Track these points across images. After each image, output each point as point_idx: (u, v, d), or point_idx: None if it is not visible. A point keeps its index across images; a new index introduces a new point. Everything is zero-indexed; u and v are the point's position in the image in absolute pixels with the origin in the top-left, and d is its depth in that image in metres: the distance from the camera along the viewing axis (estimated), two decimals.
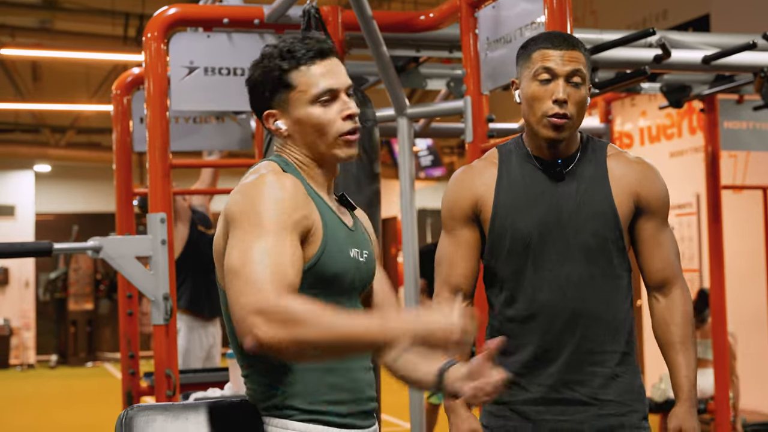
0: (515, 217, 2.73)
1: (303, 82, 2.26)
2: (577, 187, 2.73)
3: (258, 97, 2.31)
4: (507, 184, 2.77)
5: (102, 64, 13.98)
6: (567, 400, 2.70)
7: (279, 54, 2.27)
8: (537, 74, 2.68)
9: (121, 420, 2.15)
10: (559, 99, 2.65)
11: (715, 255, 5.85)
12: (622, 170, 2.76)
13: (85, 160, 16.41)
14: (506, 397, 2.72)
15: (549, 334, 2.70)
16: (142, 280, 4.04)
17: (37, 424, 10.53)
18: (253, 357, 2.20)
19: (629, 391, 2.74)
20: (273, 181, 2.17)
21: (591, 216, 2.70)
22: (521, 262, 2.72)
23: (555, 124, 2.66)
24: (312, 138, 2.28)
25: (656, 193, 2.77)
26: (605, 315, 2.71)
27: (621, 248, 2.73)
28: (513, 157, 2.80)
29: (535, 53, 2.70)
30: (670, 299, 2.79)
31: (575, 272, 2.69)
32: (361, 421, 2.28)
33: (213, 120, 5.53)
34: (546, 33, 2.79)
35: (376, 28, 4.15)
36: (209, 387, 4.61)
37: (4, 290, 17.17)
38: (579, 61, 2.68)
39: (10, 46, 11.94)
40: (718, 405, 5.85)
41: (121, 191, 5.40)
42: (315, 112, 2.26)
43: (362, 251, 2.33)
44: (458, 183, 2.85)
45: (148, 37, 4.20)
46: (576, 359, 2.70)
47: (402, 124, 4.46)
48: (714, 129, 5.87)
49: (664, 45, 4.35)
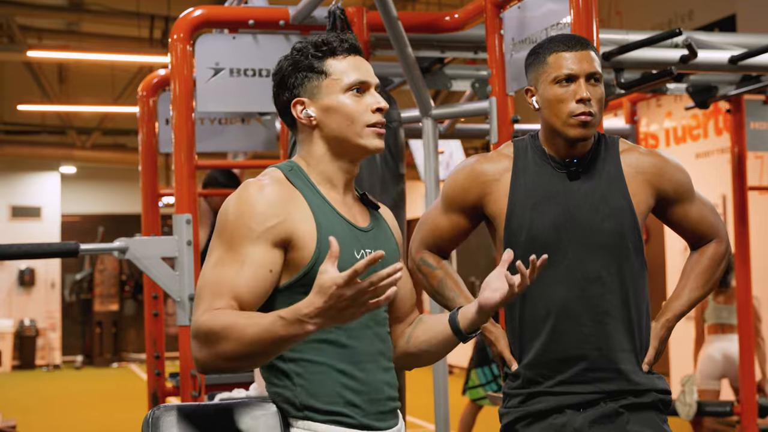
0: (532, 215, 2.73)
1: (337, 71, 2.28)
2: (594, 185, 2.74)
3: (286, 86, 2.32)
4: (523, 182, 2.77)
5: (128, 65, 14.04)
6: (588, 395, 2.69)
7: (313, 44, 2.30)
8: (557, 78, 2.69)
9: (148, 420, 2.16)
10: (583, 98, 2.66)
11: (741, 256, 5.82)
12: (637, 165, 2.77)
13: (111, 162, 16.47)
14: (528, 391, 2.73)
15: (567, 333, 2.70)
16: (167, 281, 4.06)
17: (63, 424, 10.57)
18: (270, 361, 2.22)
19: (650, 386, 2.73)
20: (248, 192, 2.21)
21: (608, 214, 2.71)
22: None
23: (583, 121, 2.67)
24: (340, 126, 2.28)
25: (675, 182, 2.80)
26: (623, 314, 2.71)
27: (638, 247, 2.74)
28: (529, 155, 2.81)
29: (551, 57, 2.72)
30: (706, 247, 2.88)
31: (592, 270, 2.69)
32: (380, 422, 2.27)
33: (238, 121, 5.54)
34: (556, 37, 2.78)
35: (401, 29, 4.14)
36: (234, 388, 4.61)
37: (30, 291, 17.27)
38: (594, 61, 2.71)
39: (37, 48, 12.01)
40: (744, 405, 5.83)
41: (146, 192, 5.42)
42: (346, 101, 2.28)
43: (368, 250, 2.31)
44: (471, 174, 2.84)
45: (174, 38, 4.21)
46: (596, 356, 2.69)
47: (427, 125, 4.46)
48: (740, 130, 5.85)
49: (690, 45, 4.33)
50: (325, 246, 2.18)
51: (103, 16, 12.69)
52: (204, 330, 2.06)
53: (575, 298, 2.69)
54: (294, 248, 2.19)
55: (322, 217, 2.24)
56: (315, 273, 2.07)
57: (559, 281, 2.70)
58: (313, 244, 2.20)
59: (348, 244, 2.25)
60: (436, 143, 4.45)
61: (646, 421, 2.71)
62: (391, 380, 2.33)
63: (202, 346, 2.06)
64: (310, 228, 2.21)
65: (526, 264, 2.62)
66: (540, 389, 2.73)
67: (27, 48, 11.88)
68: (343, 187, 2.34)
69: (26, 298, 17.21)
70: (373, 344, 2.27)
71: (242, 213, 2.17)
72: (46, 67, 14.51)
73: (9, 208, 17.29)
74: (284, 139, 5.08)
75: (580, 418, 2.68)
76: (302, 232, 2.20)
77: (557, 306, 2.71)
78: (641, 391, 2.71)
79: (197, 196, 4.27)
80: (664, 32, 4.22)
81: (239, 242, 2.15)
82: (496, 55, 3.91)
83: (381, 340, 2.31)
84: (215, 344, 2.04)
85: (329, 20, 3.95)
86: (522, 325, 2.77)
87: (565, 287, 2.70)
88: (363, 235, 2.32)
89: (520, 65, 3.79)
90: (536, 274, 2.31)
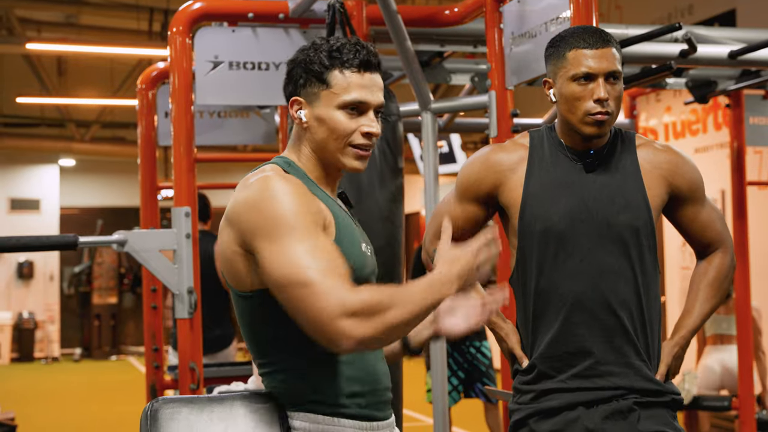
0: (547, 206, 2.72)
1: (338, 85, 2.24)
2: (610, 178, 2.73)
3: (292, 81, 2.30)
4: (538, 173, 2.77)
5: (127, 58, 14.03)
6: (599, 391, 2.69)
7: (327, 49, 2.26)
8: (576, 76, 2.67)
9: (147, 412, 2.16)
10: (601, 98, 2.65)
11: (739, 251, 5.82)
12: (653, 160, 2.77)
13: (110, 155, 16.48)
14: (540, 387, 2.73)
15: (580, 326, 2.69)
16: (166, 274, 4.06)
17: (62, 417, 10.58)
18: (270, 355, 2.22)
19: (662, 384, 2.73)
20: (282, 184, 2.16)
21: (623, 207, 2.70)
22: (552, 252, 2.71)
23: (599, 120, 2.66)
24: (324, 139, 2.26)
25: (689, 180, 2.79)
26: (636, 307, 2.70)
27: (652, 242, 2.73)
28: (545, 145, 2.80)
29: (570, 53, 2.69)
30: (713, 256, 2.88)
31: (606, 263, 2.69)
32: (380, 412, 2.28)
33: (237, 114, 5.54)
34: (578, 29, 2.75)
35: (400, 22, 4.14)
36: (233, 381, 4.62)
37: (28, 284, 17.28)
38: (615, 58, 2.68)
39: (36, 41, 12.00)
40: (742, 401, 5.83)
41: (145, 185, 5.43)
42: (338, 117, 2.25)
43: (368, 246, 2.34)
44: (485, 163, 2.84)
45: (173, 31, 4.21)
46: (609, 350, 2.68)
47: (426, 119, 4.46)
48: (739, 125, 5.84)
49: (690, 40, 4.33)
50: (344, 238, 2.21)
51: (102, 9, 12.68)
52: (368, 303, 2.00)
53: (589, 290, 2.68)
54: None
55: (335, 210, 2.26)
56: None
57: (573, 273, 2.70)
58: (334, 235, 2.20)
59: (358, 236, 2.29)
60: (435, 137, 4.45)
61: (657, 418, 2.70)
62: (387, 371, 2.34)
63: (365, 321, 2.00)
64: (332, 220, 2.22)
65: (544, 251, 2.64)
66: (552, 385, 2.72)
67: (26, 40, 11.87)
68: (331, 187, 2.35)
69: (25, 290, 17.22)
70: None
71: (294, 203, 2.13)
72: (45, 60, 14.49)
73: (8, 200, 17.30)
74: (284, 132, 5.08)
75: (592, 414, 2.68)
76: (328, 223, 2.21)
77: (571, 298, 2.69)
78: (653, 390, 2.71)
79: (196, 189, 4.27)
80: (664, 27, 4.22)
81: (312, 229, 2.11)
82: (496, 49, 3.91)
83: None
84: (384, 313, 2.00)
85: (329, 14, 3.95)
86: (535, 317, 2.76)
87: (579, 279, 2.69)
88: (359, 229, 2.35)
89: (520, 59, 3.80)
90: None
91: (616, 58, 2.68)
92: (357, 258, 2.23)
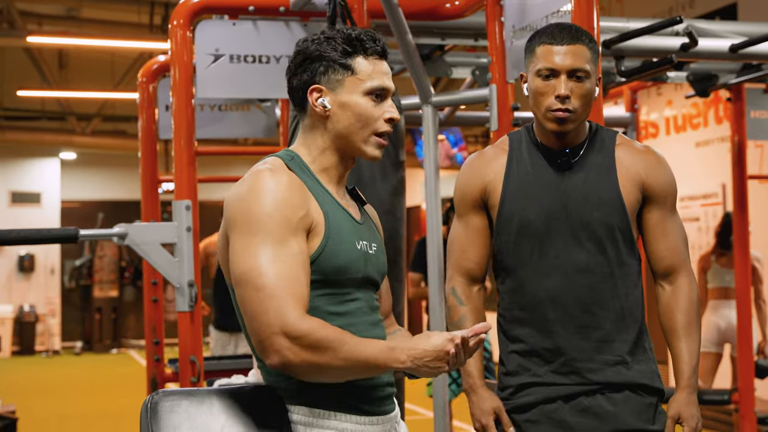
0: (523, 204, 2.75)
1: (364, 71, 2.26)
2: (585, 176, 2.75)
3: (308, 70, 2.29)
4: (516, 172, 2.80)
5: (128, 51, 14.01)
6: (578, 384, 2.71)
7: (345, 37, 2.27)
8: (540, 71, 2.70)
9: (147, 405, 2.16)
10: (560, 95, 2.67)
11: (740, 245, 5.83)
12: (630, 159, 2.78)
13: (111, 148, 16.47)
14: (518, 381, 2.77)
15: (557, 323, 2.72)
16: (167, 267, 4.06)
17: (63, 409, 10.60)
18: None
19: (642, 378, 2.73)
20: (269, 181, 2.17)
21: (598, 204, 2.72)
22: (528, 250, 2.75)
23: (558, 117, 2.69)
24: (350, 126, 2.27)
25: (662, 182, 2.78)
26: (613, 303, 2.72)
27: (629, 237, 2.74)
28: (523, 145, 2.83)
29: (539, 48, 2.73)
30: (676, 286, 2.80)
31: (582, 260, 2.71)
32: (380, 406, 2.28)
33: (238, 108, 5.54)
34: (551, 26, 2.77)
35: (401, 15, 4.14)
36: (233, 374, 4.62)
37: (29, 277, 17.29)
38: (581, 55, 2.68)
39: (37, 34, 11.99)
40: (743, 395, 5.84)
41: (146, 179, 5.43)
42: (365, 103, 2.27)
43: (371, 243, 2.33)
44: (469, 169, 2.89)
45: (174, 24, 4.21)
46: (586, 347, 2.71)
47: (427, 113, 4.45)
48: (740, 118, 5.85)
49: (691, 33, 4.32)
50: (332, 236, 2.20)
51: (103, 2, 12.68)
52: (311, 335, 2.02)
53: (564, 287, 2.71)
54: (311, 237, 2.19)
55: (327, 207, 2.25)
56: (320, 263, 2.15)
57: (548, 271, 2.73)
58: (321, 236, 2.20)
59: (352, 234, 2.27)
60: (436, 130, 4.45)
61: (636, 412, 2.72)
62: None
63: (301, 350, 2.03)
64: (320, 217, 2.22)
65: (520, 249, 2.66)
66: (530, 380, 2.75)
67: (27, 34, 11.86)
68: (338, 179, 2.34)
69: (26, 283, 17.24)
70: (369, 330, 2.27)
71: (273, 203, 2.13)
72: (46, 53, 14.49)
73: (9, 194, 17.31)
74: (284, 125, 5.08)
75: (570, 408, 2.71)
76: (315, 223, 2.20)
77: (546, 295, 2.73)
78: (631, 383, 2.72)
79: (197, 183, 4.27)
80: (665, 20, 4.22)
81: (282, 233, 2.12)
82: (497, 43, 3.91)
83: (376, 326, 2.31)
84: (321, 352, 2.03)
85: (329, 7, 3.94)
86: (514, 314, 2.80)
87: (554, 277, 2.72)
88: (359, 227, 2.33)
89: (521, 52, 3.78)
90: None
91: (586, 57, 2.69)
92: (346, 255, 2.22)
